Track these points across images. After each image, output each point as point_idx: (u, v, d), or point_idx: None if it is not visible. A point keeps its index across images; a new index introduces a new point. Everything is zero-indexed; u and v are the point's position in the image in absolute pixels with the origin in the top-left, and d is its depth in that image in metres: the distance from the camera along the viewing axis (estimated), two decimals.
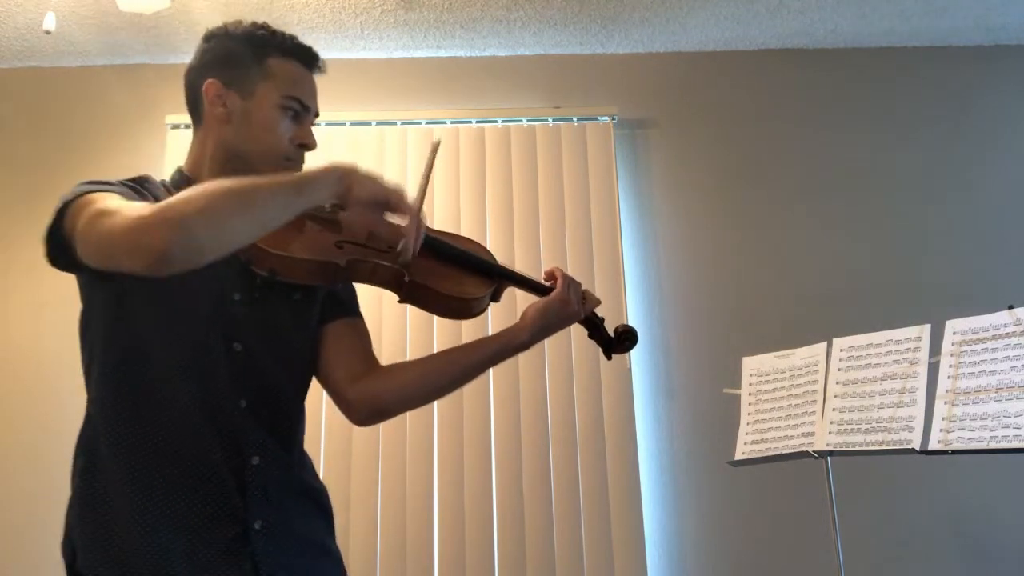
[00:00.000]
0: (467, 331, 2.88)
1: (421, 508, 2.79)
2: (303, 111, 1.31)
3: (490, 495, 2.82)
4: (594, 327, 1.52)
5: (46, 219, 1.14)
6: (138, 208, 1.03)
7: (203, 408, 1.19)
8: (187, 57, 1.36)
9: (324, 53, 1.40)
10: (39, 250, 1.16)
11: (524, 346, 1.37)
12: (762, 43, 3.32)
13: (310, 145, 1.32)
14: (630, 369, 2.94)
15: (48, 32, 2.59)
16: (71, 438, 1.24)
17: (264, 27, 1.32)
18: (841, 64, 3.34)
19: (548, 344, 2.91)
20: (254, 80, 1.28)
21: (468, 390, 2.87)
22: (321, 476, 1.41)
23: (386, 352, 2.86)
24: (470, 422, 2.87)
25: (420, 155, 3.11)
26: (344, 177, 1.12)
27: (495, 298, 1.42)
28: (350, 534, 2.73)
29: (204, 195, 1.01)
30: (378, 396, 1.36)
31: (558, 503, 2.82)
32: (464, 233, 3.04)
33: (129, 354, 1.19)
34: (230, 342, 1.22)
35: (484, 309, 1.40)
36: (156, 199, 1.20)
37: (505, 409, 2.89)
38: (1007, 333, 1.83)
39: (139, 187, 1.25)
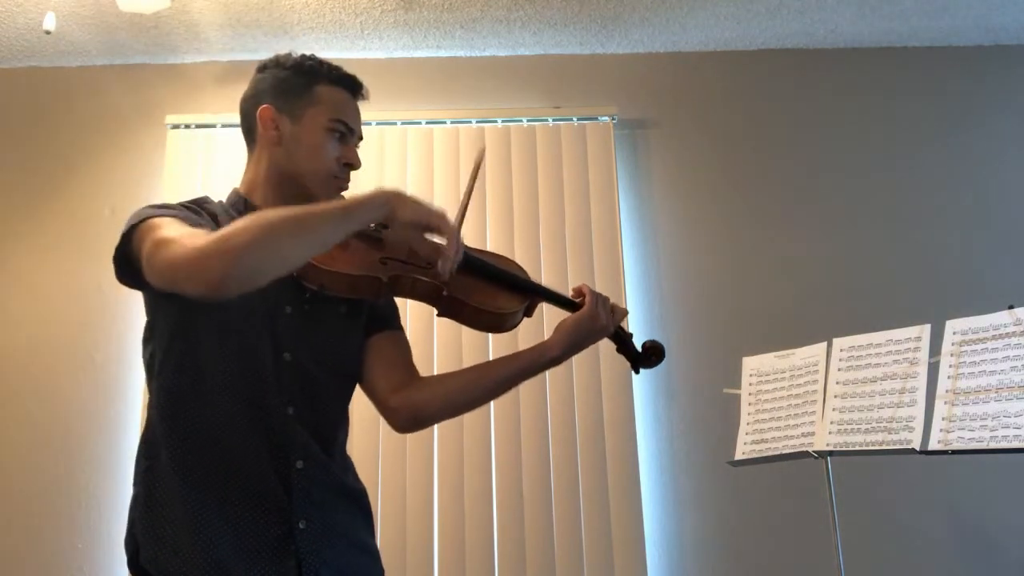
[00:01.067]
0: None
1: (421, 508, 2.80)
2: (348, 133, 1.43)
3: (490, 495, 2.82)
4: (622, 342, 1.57)
5: (48, 219, 1.15)
6: (198, 237, 1.12)
7: (252, 414, 1.27)
8: (187, 57, 1.40)
9: (324, 53, 1.45)
10: (40, 250, 1.18)
11: (556, 361, 1.43)
12: (762, 43, 3.32)
13: (355, 164, 1.44)
14: (630, 369, 2.94)
15: (48, 32, 2.60)
16: (75, 438, 1.25)
17: (312, 58, 1.44)
18: (841, 64, 3.34)
19: None
20: (304, 106, 1.39)
21: None
22: None
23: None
24: (470, 422, 2.87)
25: (420, 155, 3.12)
26: (389, 201, 1.21)
27: (528, 313, 1.49)
28: None
29: (259, 225, 1.10)
30: (419, 406, 1.44)
31: (558, 503, 2.82)
32: (464, 234, 3.05)
33: (186, 363, 1.28)
34: (280, 352, 1.31)
35: (517, 323, 1.47)
36: (213, 217, 1.34)
37: (505, 409, 2.89)
38: (1007, 333, 1.83)
39: (198, 208, 1.35)
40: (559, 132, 3.18)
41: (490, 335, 2.84)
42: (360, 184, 1.35)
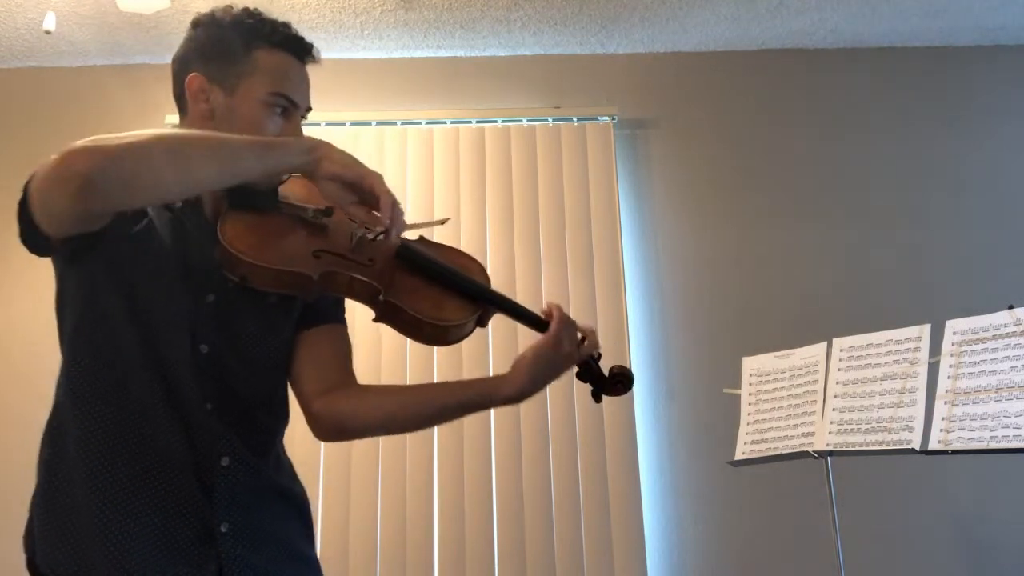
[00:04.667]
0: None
1: (421, 508, 2.79)
2: (291, 107, 1.24)
3: (490, 495, 2.82)
4: (587, 366, 1.37)
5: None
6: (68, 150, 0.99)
7: (170, 406, 1.15)
8: None
9: (324, 53, 1.35)
10: None
11: (511, 400, 1.27)
12: (762, 43, 3.32)
13: None
14: (630, 369, 2.94)
15: (48, 32, 2.60)
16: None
17: (254, 15, 1.24)
18: (841, 64, 3.34)
19: None
20: (239, 74, 1.21)
21: None
22: (321, 476, 1.40)
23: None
24: (470, 422, 2.86)
25: (420, 155, 3.12)
26: (317, 148, 1.09)
27: (482, 324, 1.30)
28: (350, 534, 2.73)
29: (148, 134, 1.00)
30: (343, 416, 1.29)
31: (558, 503, 2.82)
32: (464, 234, 3.04)
33: (100, 346, 1.15)
34: (197, 343, 1.18)
35: (465, 336, 1.29)
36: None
37: (505, 409, 2.87)
38: (1007, 333, 1.83)
39: None
40: (559, 132, 3.18)
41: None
42: None
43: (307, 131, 1.26)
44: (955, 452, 1.79)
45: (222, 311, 1.21)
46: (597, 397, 1.40)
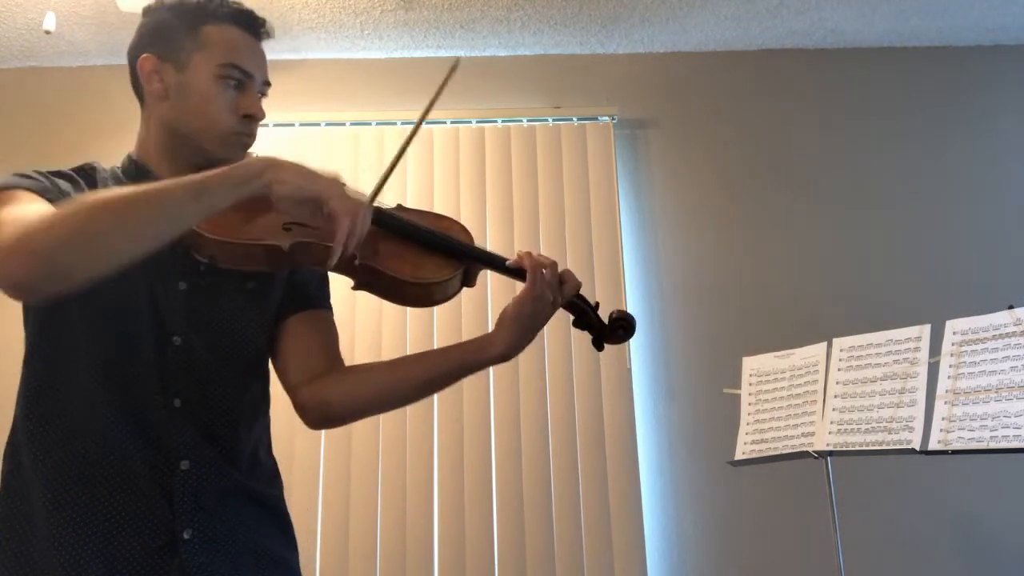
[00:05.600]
0: (466, 320, 2.88)
1: (421, 507, 2.79)
2: (246, 78, 1.21)
3: (490, 495, 2.82)
4: (581, 313, 1.32)
5: None
6: (17, 226, 0.95)
7: (125, 409, 1.10)
8: None
9: (324, 53, 1.37)
10: None
11: (503, 358, 1.23)
12: (762, 43, 3.32)
13: (257, 115, 1.22)
14: (630, 369, 2.94)
15: (48, 32, 2.60)
16: None
17: None
18: (841, 64, 3.34)
19: (548, 343, 2.91)
20: (188, 50, 1.20)
21: (468, 390, 2.87)
22: (320, 476, 1.38)
23: (386, 343, 2.86)
24: (470, 421, 2.87)
25: (420, 155, 3.12)
26: (262, 173, 1.02)
27: (468, 282, 1.27)
28: (350, 534, 2.73)
29: (75, 215, 0.94)
30: (330, 403, 1.26)
31: (558, 503, 2.82)
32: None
33: (56, 353, 1.12)
34: (169, 335, 1.14)
35: (452, 295, 1.26)
36: (94, 185, 1.18)
37: (505, 409, 2.89)
38: (1007, 333, 1.83)
39: (75, 176, 1.19)
40: (559, 132, 3.18)
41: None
42: (361, 185, 1.26)
43: (307, 132, 1.25)
44: (955, 452, 1.79)
45: (196, 300, 1.17)
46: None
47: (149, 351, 1.13)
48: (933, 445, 1.83)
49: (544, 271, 1.23)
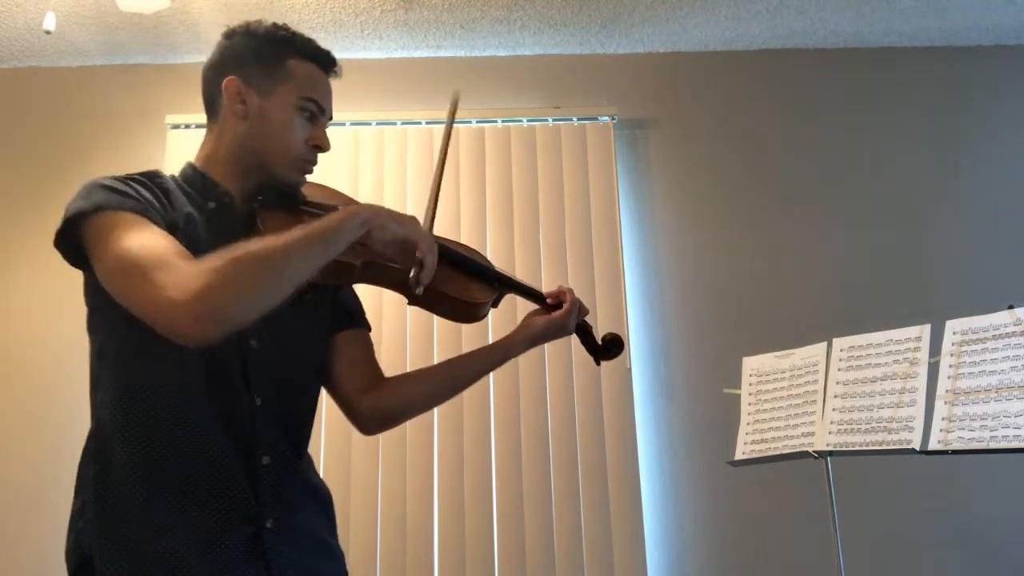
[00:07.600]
0: (467, 337, 2.88)
1: (421, 508, 2.79)
2: (319, 113, 1.34)
3: (490, 495, 2.82)
4: (585, 335, 1.58)
5: (48, 220, 1.13)
6: (178, 280, 1.03)
7: (217, 407, 1.19)
8: (187, 57, 1.36)
9: None
10: (40, 249, 1.16)
11: (517, 355, 1.49)
12: (762, 43, 3.32)
13: (324, 147, 1.34)
14: (630, 369, 2.94)
15: (48, 32, 2.59)
16: (76, 437, 1.22)
17: (285, 28, 1.34)
18: (841, 64, 3.34)
19: (548, 345, 2.91)
20: (274, 80, 1.30)
21: (468, 390, 2.86)
22: (321, 476, 1.41)
23: (385, 355, 2.86)
24: (470, 422, 2.87)
25: (420, 155, 3.12)
26: (368, 222, 1.17)
27: (495, 304, 1.49)
28: (350, 534, 2.73)
29: (241, 271, 1.04)
30: (389, 409, 1.44)
31: (558, 503, 2.82)
32: (464, 232, 3.05)
33: (143, 354, 1.17)
34: (247, 339, 1.23)
35: (486, 314, 1.48)
36: (166, 194, 1.23)
37: (505, 409, 2.89)
38: (1007, 333, 1.83)
39: (150, 183, 1.24)
40: (559, 132, 3.18)
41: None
42: (361, 184, 1.31)
43: None
44: (955, 452, 1.79)
45: None
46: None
47: (233, 353, 1.21)
48: (933, 445, 1.83)
49: (579, 307, 1.51)
